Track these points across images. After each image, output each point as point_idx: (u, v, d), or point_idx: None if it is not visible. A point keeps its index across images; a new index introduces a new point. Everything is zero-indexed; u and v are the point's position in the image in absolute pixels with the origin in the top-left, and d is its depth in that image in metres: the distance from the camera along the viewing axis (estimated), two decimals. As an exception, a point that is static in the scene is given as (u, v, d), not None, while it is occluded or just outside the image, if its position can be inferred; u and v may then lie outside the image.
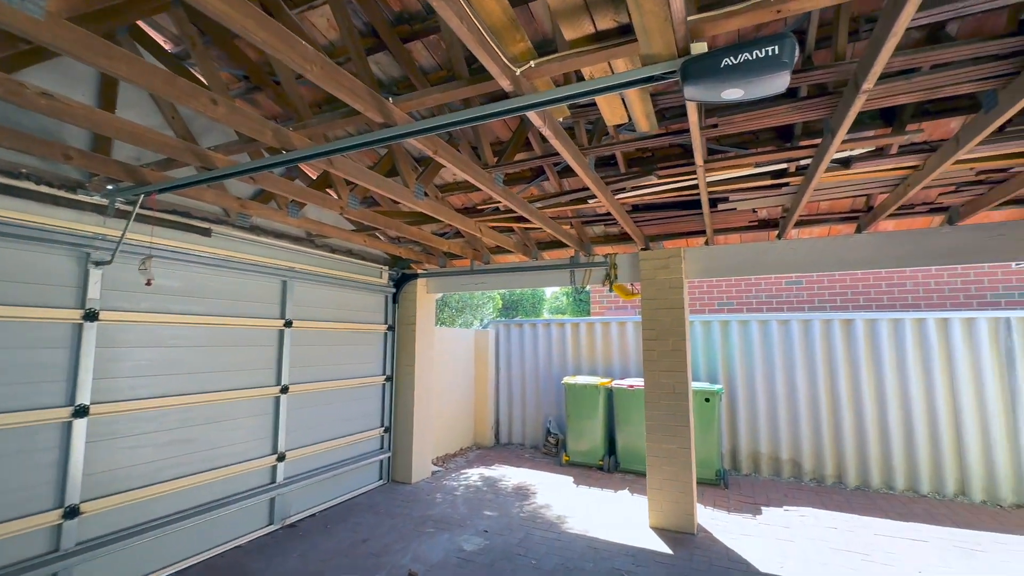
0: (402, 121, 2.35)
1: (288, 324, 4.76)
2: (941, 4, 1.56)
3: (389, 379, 6.14)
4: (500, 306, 18.53)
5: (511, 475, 6.42)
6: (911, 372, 5.88)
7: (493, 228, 4.90)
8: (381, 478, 5.98)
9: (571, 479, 6.23)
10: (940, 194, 3.76)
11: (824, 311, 7.28)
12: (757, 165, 3.08)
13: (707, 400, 6.04)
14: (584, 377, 7.14)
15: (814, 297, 7.53)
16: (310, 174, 4.42)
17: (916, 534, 4.55)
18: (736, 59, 1.53)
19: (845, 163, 3.08)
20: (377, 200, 4.72)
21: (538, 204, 4.08)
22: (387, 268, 6.22)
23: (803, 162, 3.01)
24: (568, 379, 7.02)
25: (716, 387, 6.10)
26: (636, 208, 4.42)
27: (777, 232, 4.65)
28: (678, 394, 4.69)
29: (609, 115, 2.40)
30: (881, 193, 3.79)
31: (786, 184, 3.48)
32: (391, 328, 6.22)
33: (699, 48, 1.70)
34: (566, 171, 3.93)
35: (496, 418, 8.37)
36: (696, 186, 3.53)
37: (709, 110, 2.73)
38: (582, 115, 2.69)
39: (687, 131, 2.70)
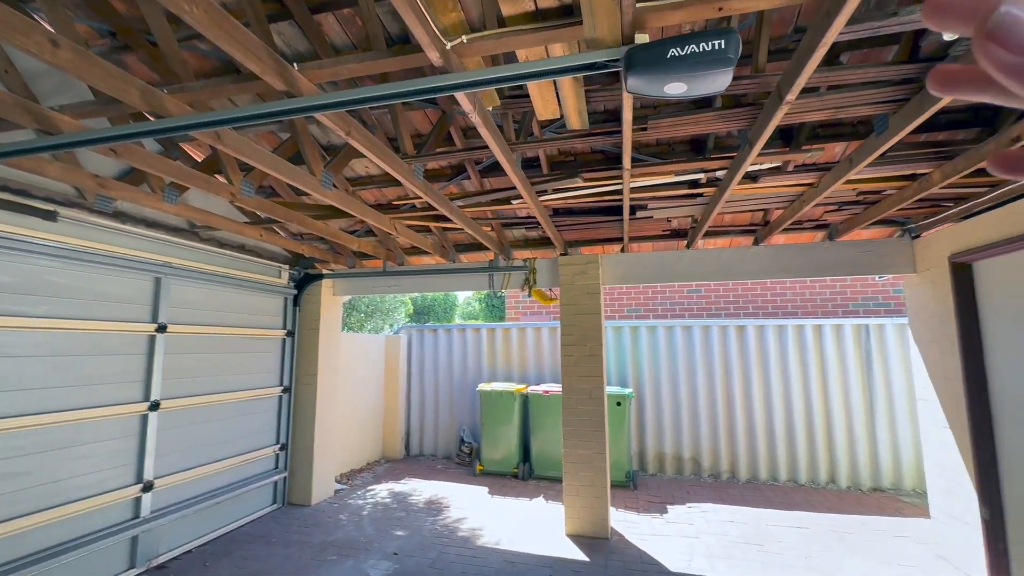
0: (309, 92, 2.04)
1: (161, 329, 4.06)
2: (862, 22, 1.63)
3: (287, 390, 5.53)
4: (411, 311, 17.94)
5: (423, 489, 6.09)
6: (792, 373, 6.50)
7: (409, 227, 4.61)
8: (275, 502, 5.35)
9: (486, 489, 6.05)
10: (825, 212, 4.15)
11: (720, 318, 7.87)
12: (677, 174, 3.16)
13: (619, 404, 6.19)
14: (500, 384, 7.01)
15: (711, 305, 8.12)
16: (194, 155, 3.82)
17: (799, 522, 4.98)
18: (683, 50, 1.46)
19: (753, 178, 3.26)
20: (277, 190, 4.22)
21: (458, 203, 3.87)
22: (287, 267, 5.62)
23: (718, 173, 3.13)
24: (483, 386, 6.85)
25: (627, 391, 6.29)
26: (556, 212, 4.39)
27: (687, 242, 4.88)
28: (595, 399, 4.72)
29: (541, 108, 2.28)
30: (778, 209, 4.11)
31: (700, 195, 3.62)
32: (290, 333, 5.63)
33: (642, 39, 1.62)
34: (488, 170, 3.78)
35: (407, 428, 7.96)
36: (618, 192, 3.55)
37: (637, 116, 2.72)
38: (512, 107, 2.56)
39: (614, 133, 2.67)
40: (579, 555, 4.17)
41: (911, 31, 2.05)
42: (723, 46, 1.43)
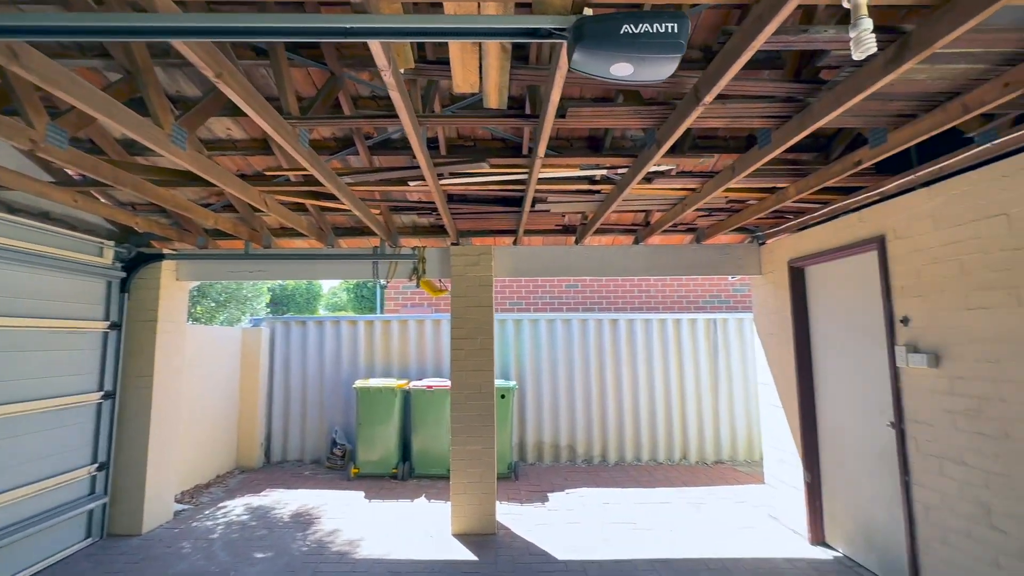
0: (167, 10, 1.56)
1: (-91, 320, 2.95)
2: (779, 34, 1.73)
3: (109, 396, 4.48)
4: (269, 301, 16.12)
5: (288, 500, 5.43)
6: (656, 363, 7.15)
7: (283, 204, 4.00)
8: (91, 535, 4.30)
9: (362, 494, 5.61)
10: (697, 216, 4.56)
11: (594, 312, 8.37)
12: (582, 167, 3.17)
13: (503, 397, 6.20)
14: (378, 380, 6.57)
15: (586, 300, 8.59)
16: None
17: (662, 497, 5.48)
18: (636, 28, 1.38)
19: (648, 179, 3.42)
20: (99, 144, 3.32)
21: (346, 180, 3.45)
22: (112, 244, 4.54)
23: (620, 170, 3.22)
24: (360, 382, 6.35)
25: (511, 383, 6.32)
26: (451, 199, 4.16)
27: (575, 238, 5.02)
28: (484, 394, 4.62)
29: (461, 78, 2.06)
30: (660, 211, 4.40)
31: (598, 192, 3.70)
32: (115, 326, 4.56)
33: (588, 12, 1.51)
34: (379, 147, 3.41)
35: (267, 432, 7.06)
36: (523, 182, 3.47)
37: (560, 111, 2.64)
38: (426, 73, 2.28)
39: (531, 117, 2.56)
40: (468, 555, 4.04)
41: (798, 52, 2.26)
42: (675, 30, 1.38)
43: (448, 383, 6.31)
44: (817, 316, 4.30)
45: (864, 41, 1.51)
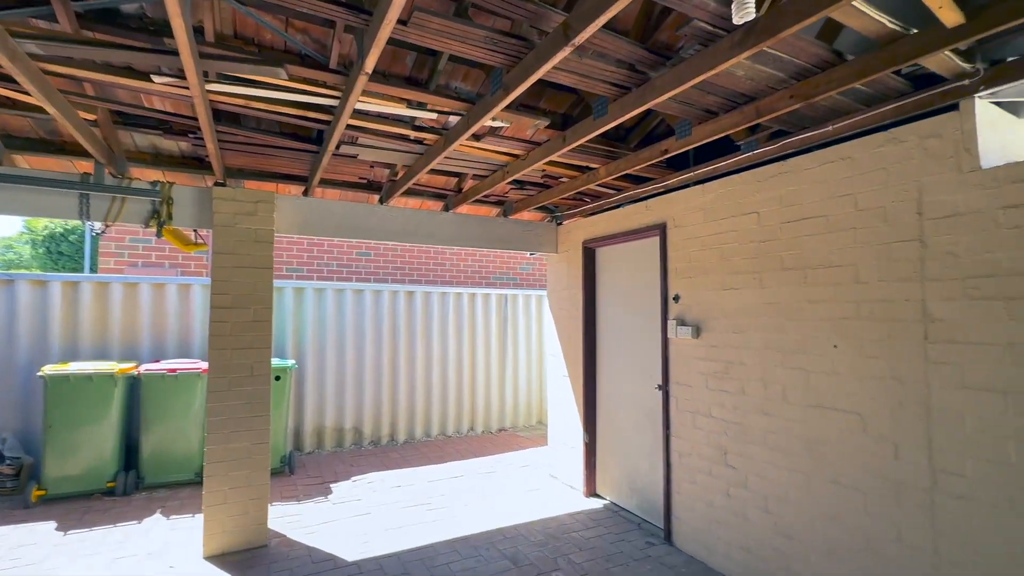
0: None
1: None
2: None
3: None
4: None
5: None
6: (450, 336, 7.07)
7: None
8: None
9: (52, 525, 3.97)
10: (509, 189, 4.50)
11: (387, 283, 7.80)
12: (410, 105, 2.65)
13: (278, 378, 5.21)
14: (85, 364, 4.75)
15: (379, 269, 7.95)
16: None
17: (455, 471, 5.42)
18: None
19: (476, 136, 3.11)
20: None
21: (30, 48, 2.17)
22: None
23: (451, 118, 2.81)
24: (52, 368, 4.47)
25: (288, 363, 5.36)
26: (220, 117, 3.09)
27: (381, 196, 4.42)
28: (258, 376, 3.71)
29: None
30: (474, 177, 4.17)
31: (419, 142, 3.23)
32: None
33: None
34: (99, 18, 2.23)
35: None
36: (328, 109, 2.75)
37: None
38: None
39: (362, 12, 1.94)
40: (228, 581, 3.19)
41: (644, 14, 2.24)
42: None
43: (200, 365, 4.97)
44: (604, 293, 4.75)
45: (745, 4, 1.47)
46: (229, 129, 3.05)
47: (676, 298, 3.77)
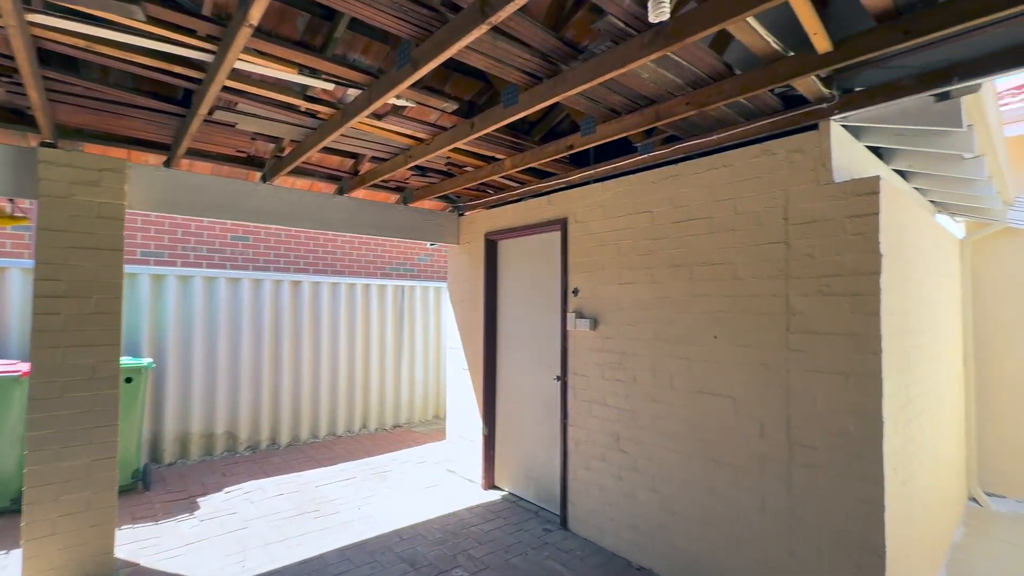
0: None
1: None
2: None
3: None
4: None
5: None
6: (342, 329, 6.62)
7: None
8: None
9: None
10: (411, 175, 4.29)
11: (269, 271, 7.06)
12: (302, 71, 2.36)
13: (129, 380, 4.45)
14: None
15: (260, 256, 7.17)
16: None
17: (346, 473, 5.10)
18: None
19: (378, 115, 2.89)
20: None
21: None
22: None
23: (350, 92, 2.56)
24: None
25: (143, 361, 4.60)
26: (46, 59, 2.49)
27: (264, 173, 3.95)
28: (102, 379, 3.10)
29: None
30: (373, 159, 3.91)
31: (313, 115, 2.91)
32: None
33: None
34: None
35: None
36: (199, 65, 2.34)
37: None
38: None
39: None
40: (58, 627, 2.63)
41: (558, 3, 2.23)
42: None
43: (19, 367, 4.07)
44: (506, 285, 4.75)
45: (661, 3, 1.50)
46: (63, 76, 2.48)
47: (575, 291, 3.89)
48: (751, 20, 1.85)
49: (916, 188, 3.69)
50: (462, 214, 5.21)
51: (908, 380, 2.75)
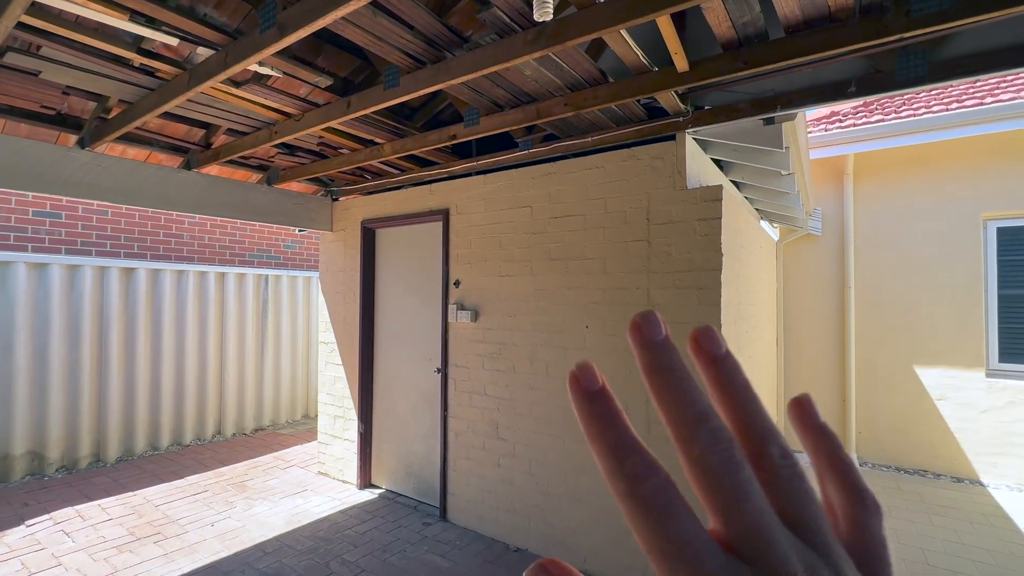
0: None
1: None
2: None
3: None
4: None
5: None
6: (189, 324, 5.79)
7: None
8: None
9: None
10: (277, 153, 3.88)
11: (90, 256, 5.87)
12: (136, 18, 1.96)
13: None
14: None
15: (76, 237, 5.91)
16: None
17: (195, 488, 4.50)
18: None
19: (236, 81, 2.54)
20: None
21: None
22: None
23: (200, 51, 2.20)
24: None
25: None
26: None
27: (81, 137, 3.26)
28: None
29: None
30: (230, 133, 3.46)
31: (148, 72, 2.45)
32: None
33: None
34: None
35: None
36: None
37: None
38: None
39: None
40: None
41: None
42: None
43: None
44: (384, 276, 4.56)
45: (545, 3, 1.54)
46: None
47: (457, 283, 3.87)
48: (624, 32, 1.99)
49: (747, 197, 4.34)
50: (336, 199, 4.87)
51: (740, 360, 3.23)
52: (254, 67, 2.30)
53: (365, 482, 4.52)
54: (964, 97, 4.89)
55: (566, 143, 3.24)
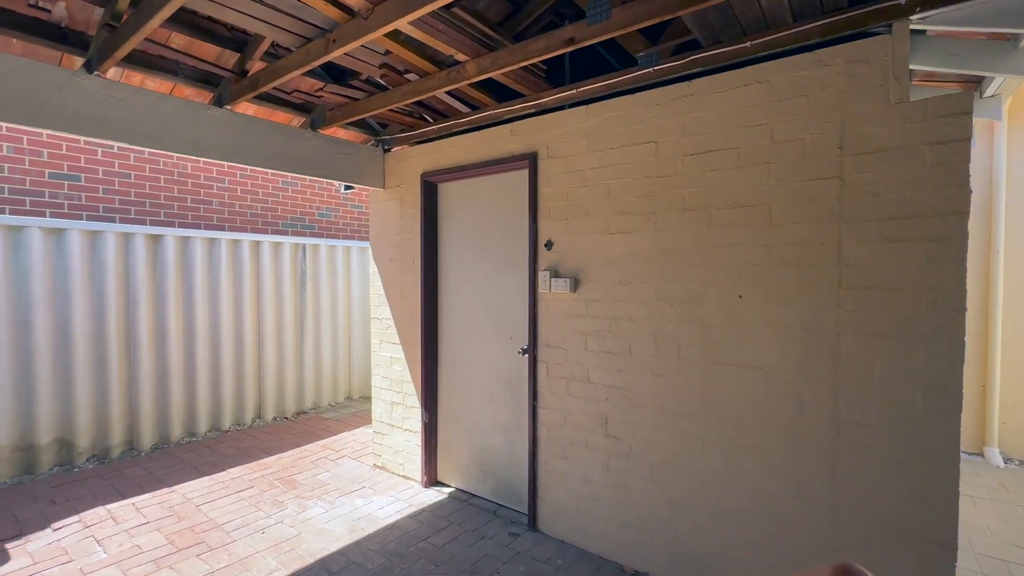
0: None
1: None
2: None
3: None
4: None
5: None
6: (223, 298, 5.21)
7: None
8: None
9: None
10: (323, 88, 3.14)
11: (113, 222, 5.30)
12: None
13: None
14: None
15: (98, 202, 5.33)
16: None
17: (239, 483, 3.94)
18: None
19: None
20: None
21: None
22: None
23: None
24: None
25: None
26: None
27: (87, 58, 2.57)
28: None
29: None
30: (269, 56, 2.72)
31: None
32: None
33: None
34: None
35: None
36: None
37: None
38: None
39: None
40: None
41: None
42: None
43: None
44: (449, 239, 3.84)
45: None
46: None
47: (548, 245, 3.13)
48: None
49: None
50: (388, 149, 4.13)
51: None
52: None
53: (431, 479, 3.90)
54: None
55: (710, 52, 2.42)
